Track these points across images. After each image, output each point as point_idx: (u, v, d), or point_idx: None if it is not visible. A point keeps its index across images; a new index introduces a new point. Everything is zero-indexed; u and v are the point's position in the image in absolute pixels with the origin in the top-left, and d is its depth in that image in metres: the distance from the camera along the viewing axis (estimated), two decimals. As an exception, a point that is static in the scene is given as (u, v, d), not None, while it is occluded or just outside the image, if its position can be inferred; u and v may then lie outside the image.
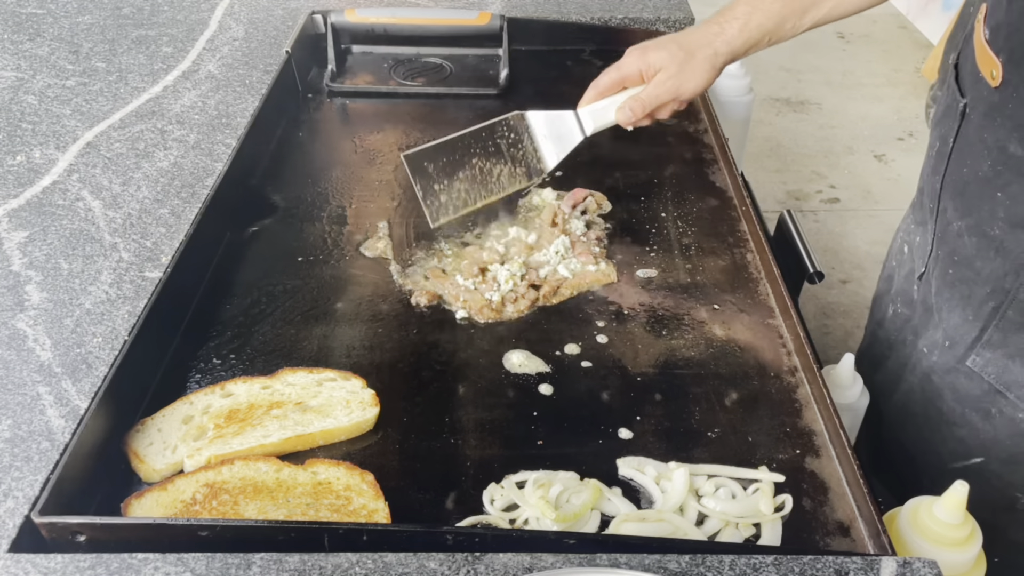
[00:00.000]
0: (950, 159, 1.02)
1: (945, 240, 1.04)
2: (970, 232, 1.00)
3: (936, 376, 1.07)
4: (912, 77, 3.88)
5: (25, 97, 1.41)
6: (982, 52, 0.96)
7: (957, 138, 1.01)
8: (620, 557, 0.73)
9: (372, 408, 0.93)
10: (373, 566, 0.72)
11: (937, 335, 1.07)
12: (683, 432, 0.93)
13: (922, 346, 1.10)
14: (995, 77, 0.93)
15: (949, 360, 1.05)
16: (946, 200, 1.04)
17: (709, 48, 1.10)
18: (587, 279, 1.12)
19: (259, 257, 1.17)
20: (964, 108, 0.99)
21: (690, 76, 1.10)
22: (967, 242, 1.00)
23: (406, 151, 1.12)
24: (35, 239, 1.09)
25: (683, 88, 1.11)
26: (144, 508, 0.82)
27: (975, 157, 0.98)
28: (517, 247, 1.17)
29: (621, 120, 1.13)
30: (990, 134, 0.95)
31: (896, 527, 0.82)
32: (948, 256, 1.04)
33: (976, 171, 0.97)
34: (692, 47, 1.10)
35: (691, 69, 1.10)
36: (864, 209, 3.01)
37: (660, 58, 1.10)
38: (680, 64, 1.09)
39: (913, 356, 1.11)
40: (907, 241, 1.18)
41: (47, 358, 0.92)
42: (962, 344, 1.03)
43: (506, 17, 1.61)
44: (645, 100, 1.11)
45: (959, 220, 1.01)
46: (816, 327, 2.44)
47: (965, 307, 1.02)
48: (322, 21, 1.62)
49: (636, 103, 1.11)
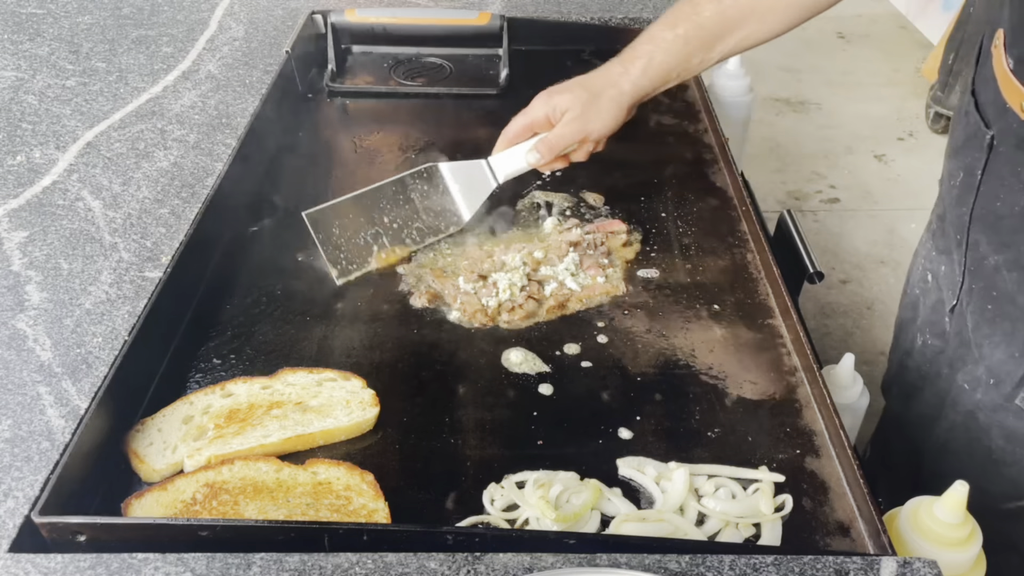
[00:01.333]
0: (979, 191, 1.00)
1: (980, 274, 1.02)
2: (1009, 267, 0.98)
3: (982, 414, 1.05)
4: (912, 77, 3.88)
5: (25, 97, 1.41)
6: (1007, 83, 0.94)
7: (986, 170, 0.99)
8: (620, 557, 0.73)
9: (372, 408, 0.93)
10: (373, 566, 0.72)
11: (979, 371, 1.05)
12: (683, 432, 0.93)
13: (962, 381, 1.07)
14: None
15: (996, 398, 1.03)
16: (977, 233, 1.02)
17: (614, 89, 1.10)
18: (596, 291, 1.11)
19: (259, 257, 1.17)
20: (991, 140, 0.97)
21: (595, 116, 1.10)
22: (1007, 277, 0.98)
23: (307, 210, 1.10)
24: (35, 239, 1.09)
25: (589, 128, 1.11)
26: (144, 508, 0.82)
27: (1009, 191, 0.96)
28: (523, 256, 1.15)
29: (531, 162, 1.14)
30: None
31: (896, 527, 0.82)
32: (985, 291, 1.02)
33: (1012, 205, 0.96)
34: (597, 88, 1.11)
35: (596, 109, 1.10)
36: (864, 209, 3.01)
37: (565, 100, 1.10)
38: (584, 105, 1.10)
39: (952, 391, 1.09)
40: (930, 270, 1.16)
41: (47, 358, 0.92)
42: (1009, 382, 1.01)
43: (506, 17, 1.61)
44: (552, 142, 1.12)
45: (995, 255, 0.99)
46: (816, 327, 2.44)
47: (1010, 344, 1.00)
48: (322, 21, 1.62)
49: (543, 145, 1.12)
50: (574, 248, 1.16)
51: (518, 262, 1.13)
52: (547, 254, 1.15)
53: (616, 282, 1.13)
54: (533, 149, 1.12)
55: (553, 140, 1.11)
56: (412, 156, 1.38)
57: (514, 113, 1.16)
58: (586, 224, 1.23)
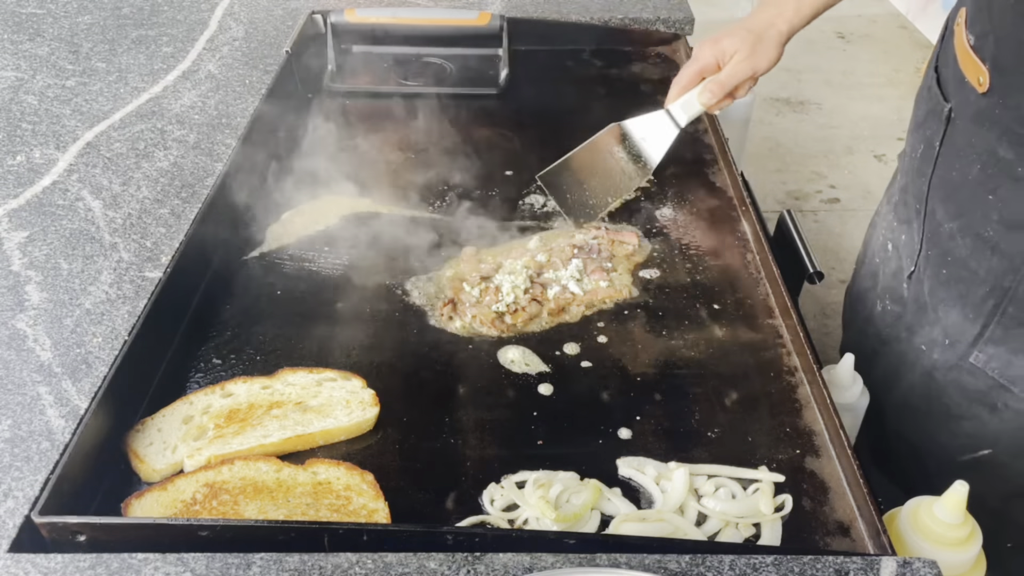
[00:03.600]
0: (937, 162, 1.06)
1: (936, 241, 1.07)
2: (963, 234, 1.02)
3: (939, 373, 1.09)
4: (912, 77, 3.88)
5: (25, 97, 1.41)
6: (966, 57, 0.98)
7: (943, 142, 1.04)
8: (620, 557, 0.73)
9: (372, 408, 0.93)
10: (373, 566, 0.72)
11: (935, 333, 1.09)
12: (683, 432, 0.93)
13: (919, 343, 1.12)
14: (982, 83, 0.95)
15: (951, 357, 1.07)
16: (934, 202, 1.07)
17: (773, 28, 1.19)
18: (599, 295, 1.11)
19: (259, 257, 1.17)
20: (949, 112, 1.02)
21: (762, 55, 1.19)
22: (960, 243, 1.03)
23: (540, 172, 1.24)
24: (35, 239, 1.09)
25: (758, 66, 1.20)
26: (144, 508, 0.82)
27: (964, 161, 1.00)
28: (526, 261, 1.14)
29: (703, 102, 1.22)
30: (979, 139, 0.98)
31: (896, 527, 0.82)
32: (940, 256, 1.06)
33: (966, 175, 1.00)
34: (759, 29, 1.20)
35: (763, 49, 1.19)
36: (864, 209, 3.01)
37: (733, 43, 1.19)
38: (752, 46, 1.19)
39: (910, 353, 1.13)
40: (890, 239, 1.21)
41: (47, 358, 0.92)
42: (963, 342, 1.05)
43: (506, 17, 1.61)
44: (724, 81, 1.20)
45: (950, 222, 1.04)
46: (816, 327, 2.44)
47: (963, 306, 1.04)
48: (322, 21, 1.62)
49: (716, 85, 1.20)
50: (578, 252, 1.16)
51: (519, 267, 1.12)
52: (550, 258, 1.15)
53: (620, 287, 1.13)
54: (705, 90, 1.21)
55: (725, 80, 1.20)
56: (412, 156, 1.38)
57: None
58: (594, 230, 1.22)
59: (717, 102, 1.22)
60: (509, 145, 1.41)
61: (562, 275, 1.12)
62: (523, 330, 1.06)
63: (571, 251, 1.16)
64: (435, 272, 1.15)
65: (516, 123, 1.46)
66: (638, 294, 1.12)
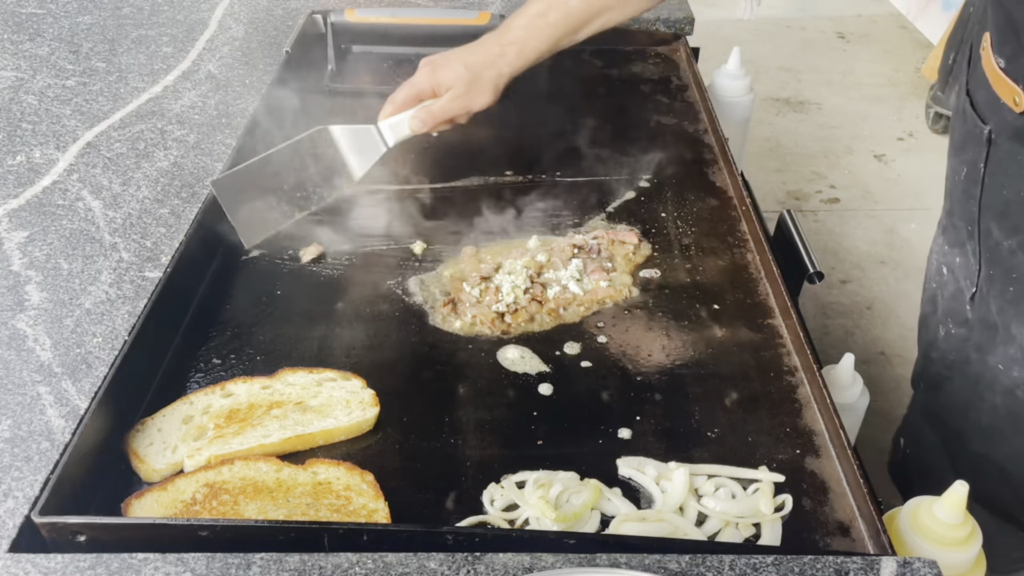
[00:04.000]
0: (984, 183, 1.07)
1: (996, 260, 1.09)
2: (1023, 249, 1.04)
3: (1021, 391, 1.11)
4: (912, 77, 3.88)
5: (25, 97, 1.41)
6: (998, 80, 1.00)
7: (987, 163, 1.06)
8: (620, 557, 0.73)
9: (372, 408, 0.93)
10: (373, 566, 0.72)
11: (1011, 351, 1.10)
12: (683, 432, 0.93)
13: (994, 363, 1.13)
14: (1017, 103, 0.98)
15: None
16: (987, 222, 1.08)
17: (493, 70, 1.19)
18: (599, 295, 1.11)
19: (259, 257, 1.17)
20: (989, 134, 1.04)
21: (477, 95, 1.18)
22: (1022, 260, 1.05)
23: (214, 178, 1.14)
24: (35, 239, 1.09)
25: (472, 105, 1.19)
26: (144, 508, 0.82)
27: (1012, 179, 1.02)
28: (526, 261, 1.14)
29: (413, 128, 1.20)
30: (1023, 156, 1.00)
31: (896, 527, 0.82)
32: (1004, 275, 1.08)
33: (1018, 191, 1.02)
34: (478, 68, 1.18)
35: (478, 89, 1.18)
36: (864, 209, 3.01)
37: (449, 78, 1.18)
38: (468, 84, 1.17)
39: (986, 374, 1.14)
40: (944, 263, 1.21)
41: (47, 358, 0.92)
42: None
43: (506, 17, 1.61)
44: (436, 113, 1.19)
45: (1008, 239, 1.06)
46: (816, 327, 2.44)
47: None
48: (322, 21, 1.62)
49: (427, 115, 1.19)
50: (578, 252, 1.16)
51: (519, 267, 1.12)
52: (550, 258, 1.15)
53: (620, 287, 1.13)
54: (416, 117, 1.19)
55: (437, 112, 1.19)
56: (412, 156, 1.38)
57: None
58: (594, 230, 1.22)
59: (428, 129, 1.20)
60: (509, 145, 1.41)
61: (562, 275, 1.12)
62: (523, 330, 1.06)
63: (571, 251, 1.16)
64: (435, 272, 1.15)
65: (516, 123, 1.46)
66: (638, 294, 1.12)
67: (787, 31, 4.21)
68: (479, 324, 1.06)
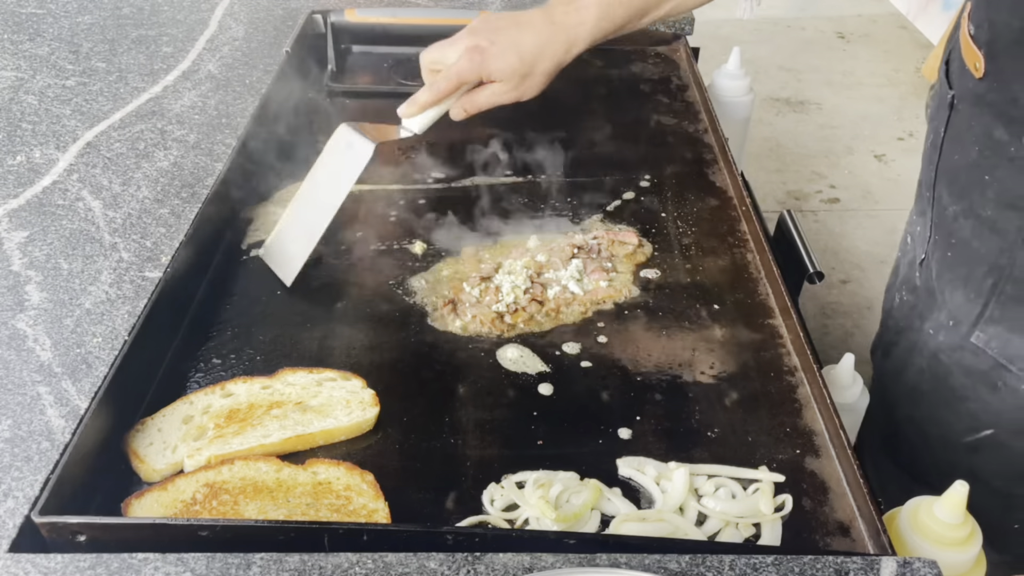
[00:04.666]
0: (942, 149, 1.09)
1: (942, 225, 1.10)
2: (964, 215, 1.05)
3: (944, 355, 1.11)
4: (912, 77, 3.88)
5: (25, 97, 1.41)
6: (967, 46, 1.02)
7: (947, 128, 1.07)
8: (620, 557, 0.73)
9: (372, 408, 0.93)
10: (373, 566, 0.72)
11: (941, 316, 1.11)
12: (683, 432, 0.93)
13: (928, 328, 1.14)
14: (978, 68, 0.99)
15: (955, 339, 1.09)
16: (940, 188, 1.10)
17: (550, 61, 1.13)
18: (599, 295, 1.11)
19: (259, 257, 1.17)
20: (952, 100, 1.06)
21: (528, 89, 1.14)
22: (962, 224, 1.06)
23: (260, 251, 1.14)
24: (35, 239, 1.09)
25: (521, 98, 1.15)
26: (144, 508, 0.82)
27: (965, 145, 1.04)
28: (526, 261, 1.14)
29: (455, 116, 1.16)
30: (977, 122, 1.01)
31: (896, 527, 0.82)
32: (945, 240, 1.09)
33: (967, 158, 1.04)
34: (534, 59, 1.11)
35: (530, 83, 1.13)
36: (864, 209, 3.01)
37: (501, 69, 1.11)
38: (522, 78, 1.12)
39: (920, 339, 1.16)
40: (910, 232, 1.23)
41: (47, 358, 0.92)
42: (966, 322, 1.07)
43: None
44: (482, 105, 1.15)
45: (953, 205, 1.07)
46: (816, 327, 2.44)
47: (966, 286, 1.06)
48: (322, 21, 1.62)
49: (472, 106, 1.15)
50: (578, 252, 1.16)
51: (519, 267, 1.12)
52: (550, 258, 1.15)
53: (620, 287, 1.13)
54: (458, 106, 1.15)
55: (483, 104, 1.14)
56: (412, 156, 1.38)
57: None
58: (595, 230, 1.22)
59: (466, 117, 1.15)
60: (508, 145, 1.41)
61: (562, 275, 1.12)
62: (523, 330, 1.06)
63: (571, 251, 1.16)
64: (435, 272, 1.15)
65: (515, 123, 1.46)
66: (638, 294, 1.12)
67: (787, 31, 4.21)
68: (479, 324, 1.06)
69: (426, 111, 1.14)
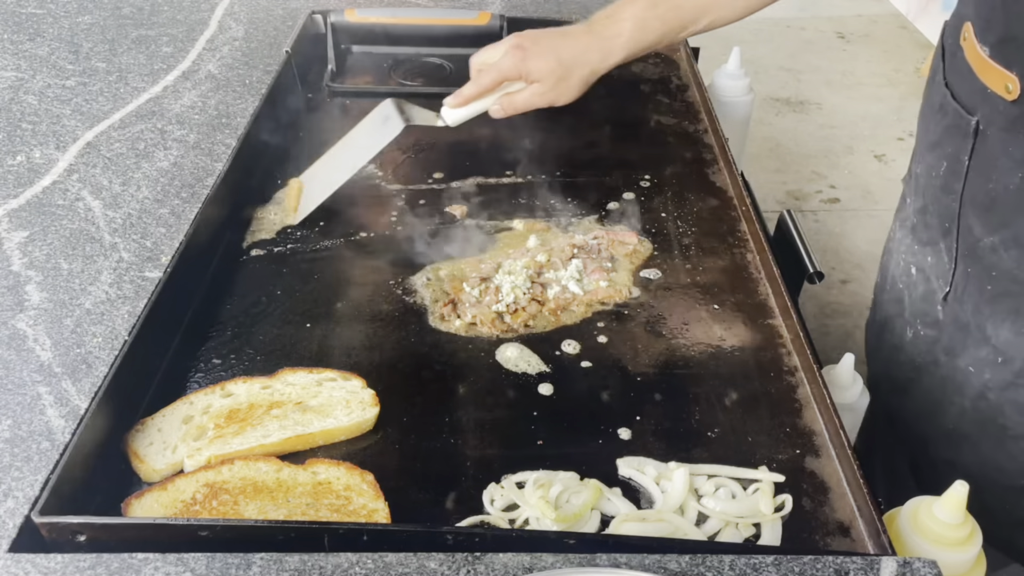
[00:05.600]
0: (967, 177, 1.02)
1: (974, 258, 1.04)
2: (1006, 246, 1.00)
3: (992, 394, 1.06)
4: (912, 77, 3.88)
5: (25, 97, 1.41)
6: (986, 68, 0.97)
7: (973, 156, 1.01)
8: (620, 557, 0.73)
9: (372, 408, 0.93)
10: (373, 566, 0.72)
11: (983, 353, 1.06)
12: (683, 432, 0.93)
13: (964, 366, 1.08)
14: (1011, 90, 0.93)
15: (1006, 375, 1.04)
16: (968, 218, 1.03)
17: (587, 68, 1.15)
18: (599, 295, 1.11)
19: (259, 257, 1.17)
20: (977, 125, 1.00)
21: (564, 92, 1.16)
22: (1005, 256, 1.00)
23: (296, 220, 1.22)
24: (35, 239, 1.09)
25: (557, 101, 1.17)
26: (144, 508, 0.82)
27: (1001, 172, 0.98)
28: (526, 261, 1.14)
29: (494, 114, 1.19)
30: (1016, 147, 0.95)
31: (896, 527, 0.82)
32: (983, 273, 1.03)
33: (1005, 185, 0.98)
34: (572, 64, 1.14)
35: (566, 86, 1.16)
36: (864, 209, 3.01)
37: (540, 69, 1.14)
38: (558, 80, 1.15)
39: (956, 377, 1.10)
40: (913, 263, 1.17)
41: (47, 358, 0.92)
42: (1019, 358, 1.02)
43: (506, 17, 1.61)
44: (519, 105, 1.17)
45: (990, 236, 1.01)
46: (816, 327, 2.44)
47: (1015, 321, 1.01)
48: (322, 21, 1.62)
49: (510, 106, 1.17)
50: (578, 252, 1.16)
51: (519, 267, 1.12)
52: (550, 258, 1.15)
53: (620, 287, 1.13)
54: (498, 104, 1.18)
55: (520, 104, 1.17)
56: (413, 156, 1.38)
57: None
58: (595, 230, 1.22)
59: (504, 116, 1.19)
60: (509, 145, 1.41)
61: (562, 275, 1.12)
62: (523, 330, 1.06)
63: (571, 251, 1.16)
64: (435, 272, 1.15)
65: (516, 123, 1.46)
66: (638, 294, 1.12)
67: (787, 31, 4.21)
68: (479, 324, 1.06)
69: (466, 106, 1.19)
